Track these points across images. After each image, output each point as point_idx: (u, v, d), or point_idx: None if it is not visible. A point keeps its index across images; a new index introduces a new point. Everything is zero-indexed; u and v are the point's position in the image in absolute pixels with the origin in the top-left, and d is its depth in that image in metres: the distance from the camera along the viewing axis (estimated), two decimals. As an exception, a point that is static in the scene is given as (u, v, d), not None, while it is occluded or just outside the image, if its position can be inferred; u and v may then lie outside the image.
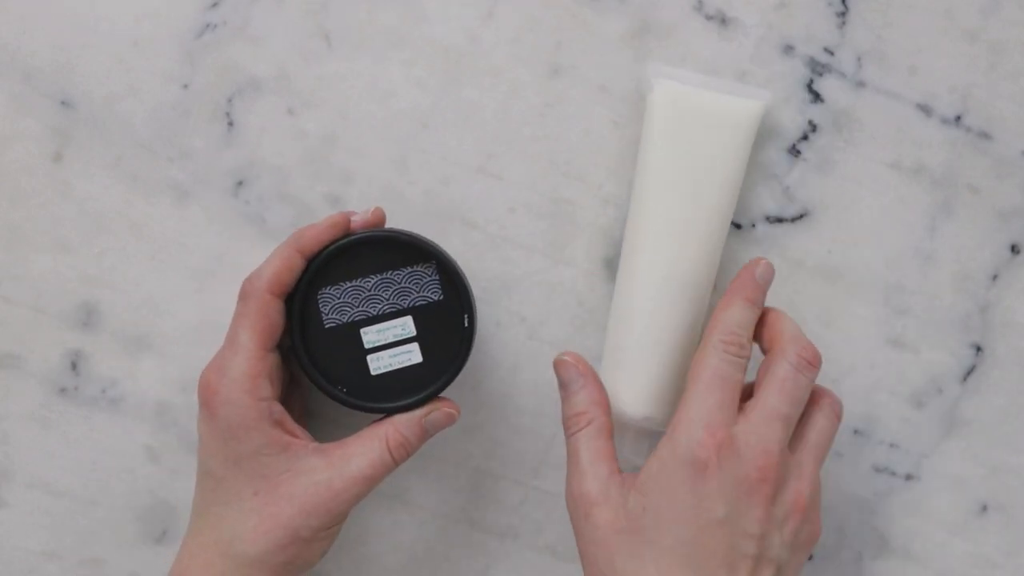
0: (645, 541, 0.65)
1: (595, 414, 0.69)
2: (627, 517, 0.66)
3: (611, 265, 0.76)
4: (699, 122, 0.73)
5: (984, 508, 0.77)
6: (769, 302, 0.76)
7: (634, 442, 0.73)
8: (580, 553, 0.67)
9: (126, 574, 0.78)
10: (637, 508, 0.65)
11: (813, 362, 0.67)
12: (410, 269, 0.70)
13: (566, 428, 0.70)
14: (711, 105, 0.73)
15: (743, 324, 0.68)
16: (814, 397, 0.69)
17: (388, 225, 0.72)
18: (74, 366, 0.77)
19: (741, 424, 0.66)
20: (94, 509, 0.77)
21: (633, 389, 0.73)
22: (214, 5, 0.75)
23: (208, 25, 0.75)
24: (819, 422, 0.68)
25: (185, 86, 0.76)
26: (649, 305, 0.73)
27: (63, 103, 0.75)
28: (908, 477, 0.77)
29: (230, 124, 0.76)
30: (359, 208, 0.75)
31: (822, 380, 0.76)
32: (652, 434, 0.74)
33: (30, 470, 0.77)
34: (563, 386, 0.70)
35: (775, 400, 0.66)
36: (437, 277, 0.70)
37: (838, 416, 0.69)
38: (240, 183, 0.76)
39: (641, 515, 0.65)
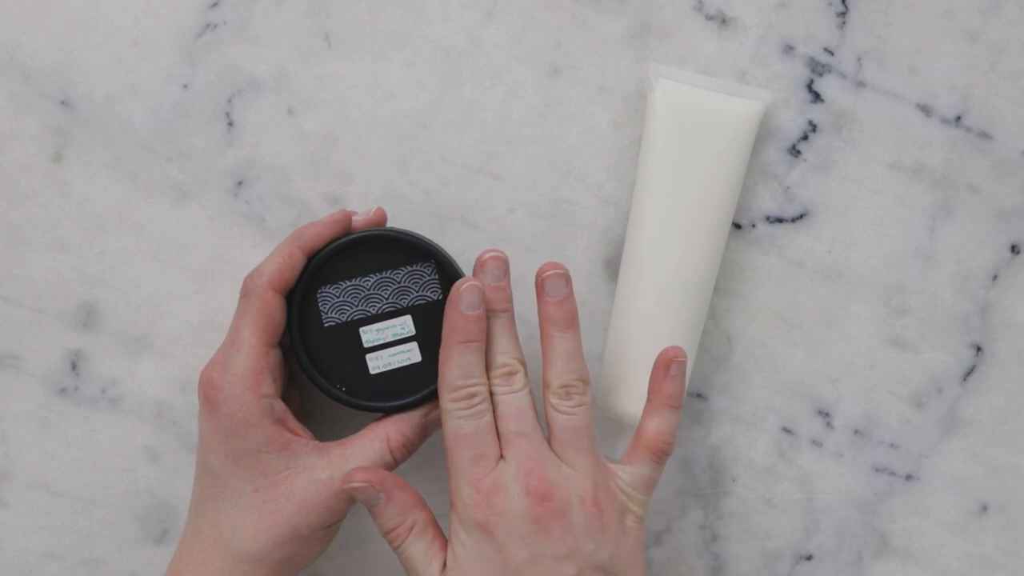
0: None
1: (409, 519, 0.68)
2: None
3: (611, 265, 0.76)
4: (700, 122, 0.73)
5: (984, 508, 0.77)
6: (769, 302, 0.76)
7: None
8: None
9: (126, 574, 0.78)
10: None
11: (507, 376, 0.68)
12: (410, 268, 0.70)
13: (390, 543, 0.68)
14: (712, 105, 0.73)
15: (465, 372, 0.67)
16: (545, 396, 0.69)
17: (388, 225, 0.72)
18: (74, 366, 0.77)
19: (500, 464, 0.67)
20: (94, 509, 0.77)
21: (635, 389, 0.73)
22: (214, 5, 0.75)
23: (208, 25, 0.75)
24: (557, 420, 0.68)
25: (185, 86, 0.76)
26: (651, 305, 0.73)
27: (63, 103, 0.75)
28: (908, 477, 0.77)
29: (230, 124, 0.76)
30: (360, 208, 0.75)
31: (822, 381, 0.76)
32: None
33: (30, 470, 0.77)
34: (366, 506, 0.68)
35: (504, 427, 0.67)
36: (436, 276, 0.70)
37: (578, 405, 0.68)
38: (240, 183, 0.76)
39: None
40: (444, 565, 0.67)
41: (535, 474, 0.66)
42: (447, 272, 0.70)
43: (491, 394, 0.68)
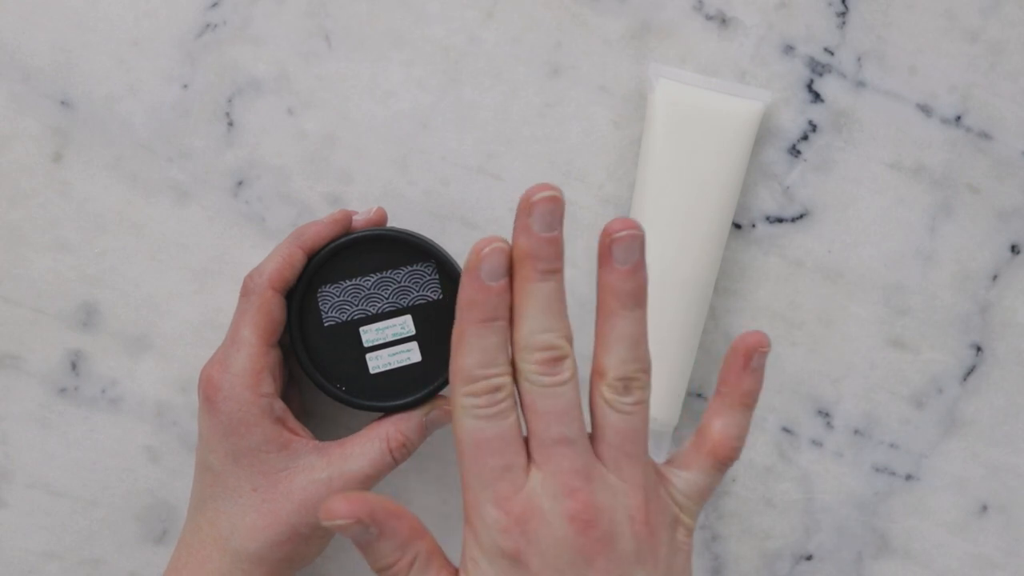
0: None
1: (409, 553, 0.56)
2: None
3: (611, 265, 0.76)
4: (700, 122, 0.73)
5: (984, 508, 0.77)
6: (769, 302, 0.76)
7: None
8: None
9: (126, 574, 0.78)
10: None
11: (552, 361, 0.55)
12: (410, 268, 0.70)
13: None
14: (712, 105, 0.73)
15: (486, 359, 0.55)
16: (596, 387, 0.57)
17: (389, 224, 0.73)
18: (74, 366, 0.77)
19: (532, 475, 0.55)
20: (94, 509, 0.77)
21: None
22: (214, 5, 0.75)
23: (208, 25, 0.75)
24: (609, 419, 0.56)
25: (185, 86, 0.76)
26: (650, 305, 0.72)
27: (63, 103, 0.75)
28: (908, 477, 0.77)
29: (230, 124, 0.76)
30: (360, 208, 0.75)
31: (822, 381, 0.76)
32: (654, 434, 0.74)
33: (30, 470, 0.77)
34: (354, 543, 0.56)
35: (540, 429, 0.55)
36: (437, 276, 0.70)
37: (637, 403, 0.56)
38: (240, 183, 0.76)
39: None
40: None
41: (580, 494, 0.54)
42: (447, 272, 0.70)
43: (518, 382, 0.55)
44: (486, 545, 0.54)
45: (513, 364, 0.55)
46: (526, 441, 0.56)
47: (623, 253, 0.55)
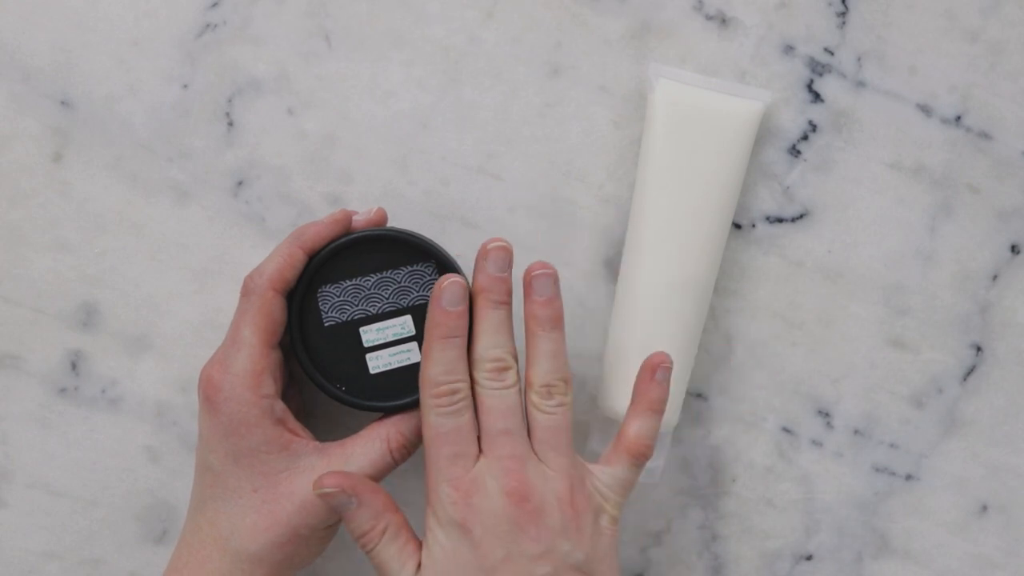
0: None
1: (382, 523, 0.67)
2: None
3: (611, 265, 0.76)
4: (700, 122, 0.73)
5: (984, 508, 0.77)
6: (769, 302, 0.76)
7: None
8: None
9: (126, 574, 0.78)
10: None
11: (499, 371, 0.67)
12: (410, 268, 0.70)
13: (362, 547, 0.68)
14: (712, 105, 0.73)
15: (447, 368, 0.67)
16: (527, 396, 0.68)
17: (389, 224, 0.72)
18: (74, 366, 0.77)
19: (480, 461, 0.66)
20: (94, 509, 0.77)
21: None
22: (214, 5, 0.75)
23: (208, 25, 0.75)
24: (538, 419, 0.68)
25: (185, 86, 0.76)
26: (650, 305, 0.73)
27: (63, 103, 0.75)
28: (908, 477, 0.77)
29: (230, 124, 0.76)
30: (360, 208, 0.75)
31: (822, 381, 0.76)
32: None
33: (30, 470, 0.77)
34: (337, 512, 0.67)
35: (489, 423, 0.67)
36: (437, 276, 0.70)
37: (559, 405, 0.68)
38: (240, 183, 0.76)
39: None
40: (419, 566, 0.66)
41: (515, 474, 0.65)
42: (447, 272, 0.70)
43: (474, 389, 0.67)
44: (441, 517, 0.66)
45: (471, 375, 0.68)
46: (478, 438, 0.67)
47: (540, 287, 0.68)
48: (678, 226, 0.73)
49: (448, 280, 0.67)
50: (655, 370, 0.69)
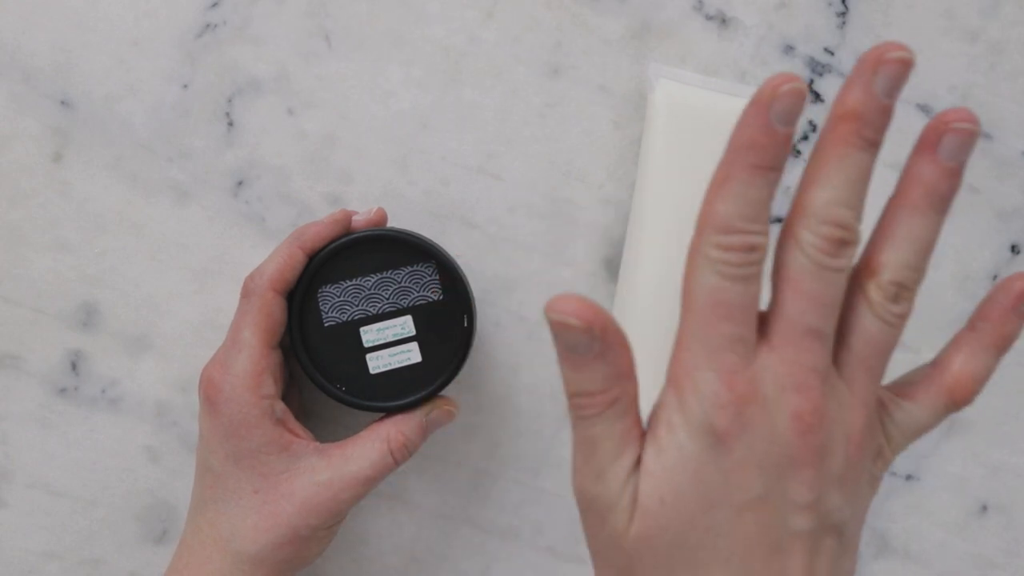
0: (670, 543, 0.48)
1: (616, 390, 0.49)
2: (643, 516, 0.49)
3: (611, 265, 0.76)
4: (700, 123, 0.73)
5: (984, 508, 0.77)
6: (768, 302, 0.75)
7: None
8: (592, 555, 0.52)
9: (126, 574, 0.78)
10: (652, 502, 0.48)
11: (839, 243, 0.48)
12: (410, 268, 0.70)
13: (575, 411, 0.50)
14: (712, 106, 0.73)
15: (748, 211, 0.47)
16: (861, 284, 0.50)
17: (389, 225, 0.73)
18: (74, 366, 0.77)
19: (762, 356, 0.48)
20: (94, 509, 0.77)
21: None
22: (214, 5, 0.75)
23: (208, 25, 0.75)
24: (865, 323, 0.49)
25: (185, 86, 0.76)
26: (650, 306, 0.73)
27: (63, 103, 0.75)
28: (908, 477, 0.77)
29: (230, 124, 0.76)
30: (360, 208, 0.75)
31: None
32: None
33: (30, 470, 0.77)
34: (565, 354, 0.49)
35: (794, 311, 0.48)
36: (437, 277, 0.70)
37: (900, 315, 0.50)
38: (240, 183, 0.76)
39: (659, 510, 0.48)
40: (638, 462, 0.49)
41: (811, 393, 0.47)
42: (448, 272, 0.70)
43: (783, 252, 0.49)
44: (693, 415, 0.48)
45: (785, 230, 0.49)
46: (762, 317, 0.49)
47: (954, 148, 0.49)
48: (678, 227, 0.73)
49: (789, 84, 0.47)
50: (1021, 298, 0.51)
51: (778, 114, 0.47)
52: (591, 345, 0.48)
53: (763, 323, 0.49)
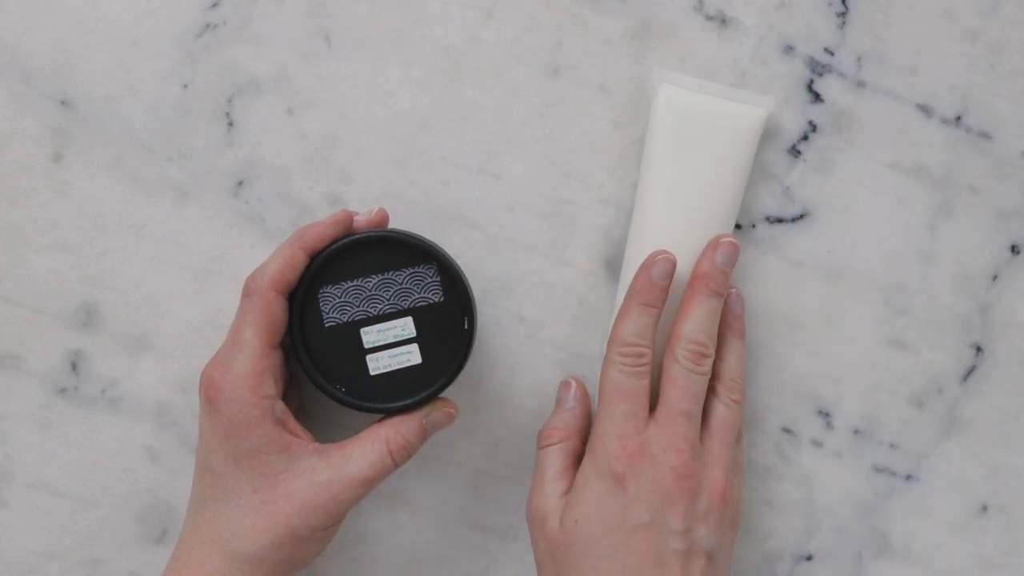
0: (581, 552, 0.69)
1: (569, 436, 0.73)
2: (564, 531, 0.70)
3: (611, 265, 0.76)
4: (703, 127, 0.73)
5: (984, 508, 0.77)
6: (769, 302, 0.76)
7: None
8: (536, 564, 0.72)
9: (126, 574, 0.78)
10: (570, 522, 0.69)
11: (700, 355, 0.71)
12: (411, 270, 0.70)
13: (540, 440, 0.74)
14: (715, 111, 0.73)
15: (639, 332, 0.71)
16: (712, 386, 0.72)
17: (389, 225, 0.72)
18: (74, 366, 0.77)
19: (651, 428, 0.70)
20: (94, 509, 0.77)
21: None
22: (214, 5, 0.75)
23: (208, 25, 0.75)
24: (717, 409, 0.72)
25: (185, 86, 0.76)
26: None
27: (63, 103, 0.75)
28: (908, 477, 0.77)
29: (230, 124, 0.76)
30: (361, 208, 0.75)
31: (822, 381, 0.76)
32: None
33: (30, 470, 0.77)
34: (557, 402, 0.75)
35: (673, 399, 0.70)
36: (438, 278, 0.70)
37: (736, 401, 0.73)
38: (240, 183, 0.76)
39: (575, 528, 0.69)
40: (567, 490, 0.71)
41: (683, 454, 0.69)
42: (449, 274, 0.70)
43: (666, 363, 0.71)
44: (600, 466, 0.69)
45: (667, 349, 0.71)
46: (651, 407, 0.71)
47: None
48: (681, 230, 0.73)
49: (662, 255, 0.71)
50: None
51: (656, 274, 0.71)
52: (570, 401, 0.75)
53: (653, 411, 0.71)
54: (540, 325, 0.77)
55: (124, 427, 0.77)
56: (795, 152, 0.76)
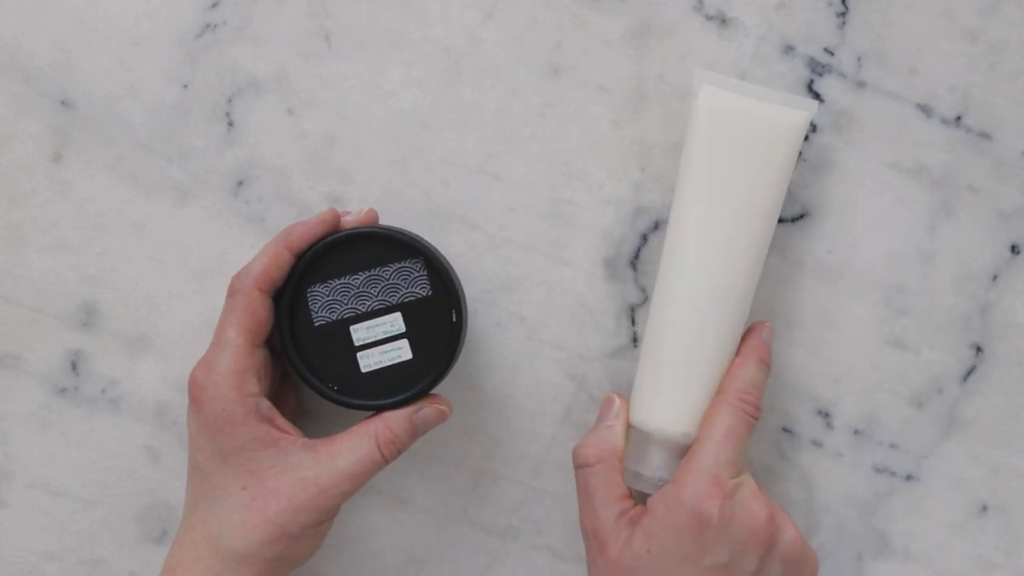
0: None
1: (610, 455, 0.71)
2: (632, 557, 0.68)
3: (611, 265, 0.76)
4: (744, 129, 0.71)
5: (984, 508, 0.77)
6: (769, 302, 0.76)
7: (666, 458, 0.72)
8: None
9: (126, 574, 0.78)
10: (641, 550, 0.68)
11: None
12: (398, 265, 0.70)
13: (578, 458, 0.72)
14: (756, 113, 0.71)
15: (757, 384, 0.71)
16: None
17: (381, 223, 0.72)
18: (74, 366, 0.77)
19: (744, 477, 0.70)
20: (94, 509, 0.77)
21: (671, 405, 0.71)
22: (214, 5, 0.75)
23: (208, 25, 0.76)
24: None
25: (185, 86, 0.76)
26: (689, 318, 0.70)
27: (63, 103, 0.76)
28: (908, 477, 0.77)
29: (230, 124, 0.76)
30: (359, 208, 0.75)
31: (822, 381, 0.76)
32: (685, 450, 0.72)
33: (30, 470, 0.77)
34: (599, 418, 0.74)
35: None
36: (425, 273, 0.70)
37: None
38: (240, 183, 0.76)
39: (645, 557, 0.68)
40: (623, 512, 0.70)
41: (770, 507, 0.69)
42: (435, 268, 0.70)
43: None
44: (686, 500, 0.68)
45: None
46: None
47: (767, 335, 0.75)
48: (720, 236, 0.71)
49: (768, 324, 0.74)
50: None
51: (766, 338, 0.73)
52: (614, 419, 0.73)
53: None
54: (540, 325, 0.77)
55: (124, 427, 0.77)
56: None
